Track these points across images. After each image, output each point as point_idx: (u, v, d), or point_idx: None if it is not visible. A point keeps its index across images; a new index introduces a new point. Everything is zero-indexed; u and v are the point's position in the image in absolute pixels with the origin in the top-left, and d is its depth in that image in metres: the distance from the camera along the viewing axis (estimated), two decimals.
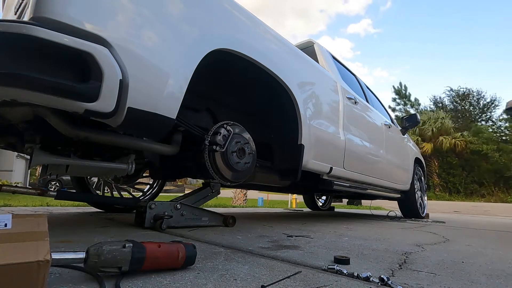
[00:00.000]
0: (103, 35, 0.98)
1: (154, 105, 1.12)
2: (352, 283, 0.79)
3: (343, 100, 2.46)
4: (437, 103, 30.35)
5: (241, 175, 1.75)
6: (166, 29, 1.19)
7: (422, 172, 4.28)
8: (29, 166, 1.48)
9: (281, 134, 2.07)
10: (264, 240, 1.43)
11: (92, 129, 1.35)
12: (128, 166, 1.68)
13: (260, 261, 0.98)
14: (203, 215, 1.71)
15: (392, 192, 3.47)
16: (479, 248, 1.54)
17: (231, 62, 1.55)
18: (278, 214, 3.64)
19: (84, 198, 2.31)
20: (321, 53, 2.71)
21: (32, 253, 0.53)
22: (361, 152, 2.68)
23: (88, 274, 0.72)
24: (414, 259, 1.16)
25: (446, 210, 8.12)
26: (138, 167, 1.95)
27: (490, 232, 2.54)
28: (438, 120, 24.28)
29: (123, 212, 2.52)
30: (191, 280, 0.73)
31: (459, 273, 0.97)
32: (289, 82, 1.82)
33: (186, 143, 1.69)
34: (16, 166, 13.29)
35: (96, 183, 2.62)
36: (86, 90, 0.94)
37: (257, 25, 1.74)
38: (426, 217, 3.95)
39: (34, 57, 0.88)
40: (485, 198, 22.01)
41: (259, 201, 9.07)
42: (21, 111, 1.23)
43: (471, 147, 23.79)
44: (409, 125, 3.80)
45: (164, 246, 0.78)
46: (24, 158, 13.08)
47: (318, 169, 2.14)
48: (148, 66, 1.10)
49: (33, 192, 1.71)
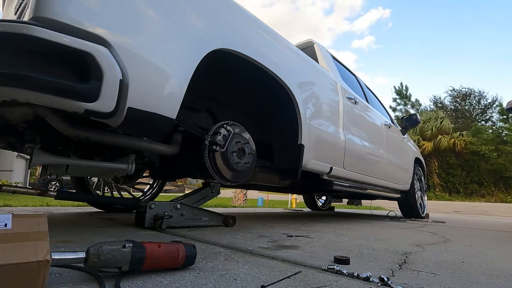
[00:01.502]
0: (103, 35, 0.98)
1: (154, 105, 1.12)
2: (352, 283, 0.79)
3: (343, 100, 2.46)
4: (437, 103, 30.47)
5: (241, 175, 1.75)
6: (166, 29, 1.19)
7: (422, 172, 4.28)
8: (29, 166, 1.48)
9: (281, 134, 2.07)
10: (264, 240, 1.43)
11: (92, 129, 1.35)
12: (128, 166, 1.68)
13: (260, 261, 0.98)
14: (203, 215, 1.71)
15: (392, 192, 3.47)
16: (479, 248, 1.54)
17: (231, 62, 1.55)
18: (278, 214, 3.64)
19: (84, 198, 2.30)
20: (321, 53, 2.71)
21: (32, 253, 0.53)
22: (361, 152, 2.68)
23: (88, 274, 0.72)
24: (414, 259, 1.16)
25: (446, 210, 8.12)
26: (138, 167, 1.94)
27: (490, 232, 2.54)
28: (437, 120, 24.38)
29: (123, 212, 2.52)
30: (191, 280, 0.73)
31: (459, 273, 0.97)
32: (289, 82, 1.82)
33: (186, 143, 1.69)
34: (16, 166, 13.30)
35: (96, 183, 2.62)
36: (86, 90, 0.94)
37: (257, 25, 1.74)
38: (426, 217, 3.95)
39: (34, 57, 0.88)
40: (485, 198, 22.01)
41: (259, 201, 9.08)
42: (21, 111, 1.23)
43: (470, 148, 23.83)
44: (409, 125, 3.80)
45: (164, 246, 0.78)
46: (24, 158, 13.09)
47: (318, 169, 2.14)
48: (148, 66, 1.10)
49: (33, 192, 1.71)
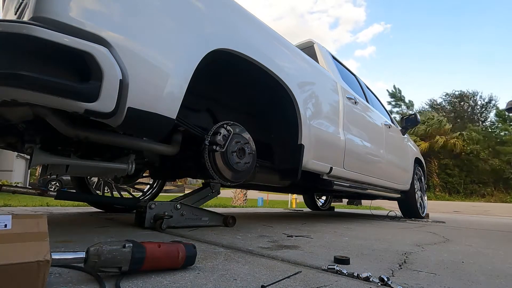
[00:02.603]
0: (103, 35, 0.98)
1: (154, 105, 1.12)
2: (352, 283, 0.79)
3: (343, 100, 2.46)
4: (434, 105, 30.69)
5: (241, 175, 1.75)
6: (166, 29, 1.19)
7: (422, 172, 4.28)
8: (29, 166, 1.47)
9: (281, 134, 2.07)
10: (264, 240, 1.43)
11: (92, 129, 1.35)
12: (128, 166, 1.68)
13: (260, 261, 0.98)
14: (203, 215, 1.71)
15: (392, 192, 3.47)
16: (479, 248, 1.54)
17: (231, 62, 1.55)
18: (278, 214, 3.64)
19: (84, 198, 2.30)
20: (321, 53, 2.70)
21: (32, 253, 0.53)
22: (361, 152, 2.68)
23: (88, 274, 0.72)
24: (414, 259, 1.16)
25: (446, 210, 8.12)
26: (138, 167, 1.94)
27: (490, 232, 2.54)
28: (434, 120, 24.57)
29: (123, 212, 2.52)
30: (191, 280, 0.73)
31: (459, 273, 0.97)
32: (289, 82, 1.82)
33: (186, 143, 1.69)
34: (16, 166, 13.28)
35: (96, 183, 2.62)
36: (86, 90, 0.94)
37: (257, 25, 1.74)
38: (426, 217, 3.95)
39: (34, 57, 0.88)
40: (484, 198, 22.03)
41: (259, 201, 9.07)
42: (21, 111, 1.23)
43: (467, 149, 23.93)
44: (409, 125, 3.80)
45: (164, 246, 0.78)
46: (24, 158, 13.08)
47: (318, 169, 2.14)
48: (148, 66, 1.10)
49: (33, 192, 1.71)
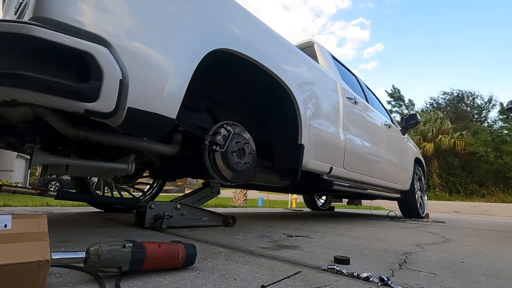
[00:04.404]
0: (103, 35, 0.98)
1: (154, 105, 1.12)
2: (352, 283, 0.79)
3: (343, 100, 2.46)
4: (433, 104, 30.79)
5: (241, 175, 1.75)
6: (166, 29, 1.19)
7: (422, 172, 4.28)
8: (29, 166, 1.47)
9: (281, 134, 2.07)
10: (264, 240, 1.43)
11: (92, 129, 1.35)
12: (128, 166, 1.68)
13: (260, 261, 0.98)
14: (203, 215, 1.71)
15: (392, 192, 3.47)
16: (479, 248, 1.54)
17: (231, 62, 1.55)
18: (278, 214, 3.64)
19: (84, 198, 2.30)
20: (321, 53, 2.70)
21: (32, 253, 0.53)
22: (361, 152, 2.68)
23: (88, 274, 0.72)
24: (414, 259, 1.16)
25: (446, 210, 8.12)
26: (138, 167, 1.95)
27: (490, 232, 2.54)
28: (437, 120, 24.42)
29: (123, 212, 2.52)
30: (191, 280, 0.73)
31: (459, 273, 0.97)
32: (289, 82, 1.82)
33: (186, 143, 1.69)
34: (16, 166, 13.28)
35: (96, 183, 2.62)
36: (86, 90, 0.94)
37: (257, 25, 1.74)
38: (426, 217, 3.95)
39: (34, 57, 0.87)
40: (485, 198, 22.01)
41: (259, 201, 9.06)
42: (21, 111, 1.23)
43: (470, 149, 23.85)
44: (409, 125, 3.80)
45: (164, 246, 0.78)
46: (24, 158, 13.09)
47: (318, 169, 2.14)
48: (148, 66, 1.10)
49: (33, 192, 1.71)
